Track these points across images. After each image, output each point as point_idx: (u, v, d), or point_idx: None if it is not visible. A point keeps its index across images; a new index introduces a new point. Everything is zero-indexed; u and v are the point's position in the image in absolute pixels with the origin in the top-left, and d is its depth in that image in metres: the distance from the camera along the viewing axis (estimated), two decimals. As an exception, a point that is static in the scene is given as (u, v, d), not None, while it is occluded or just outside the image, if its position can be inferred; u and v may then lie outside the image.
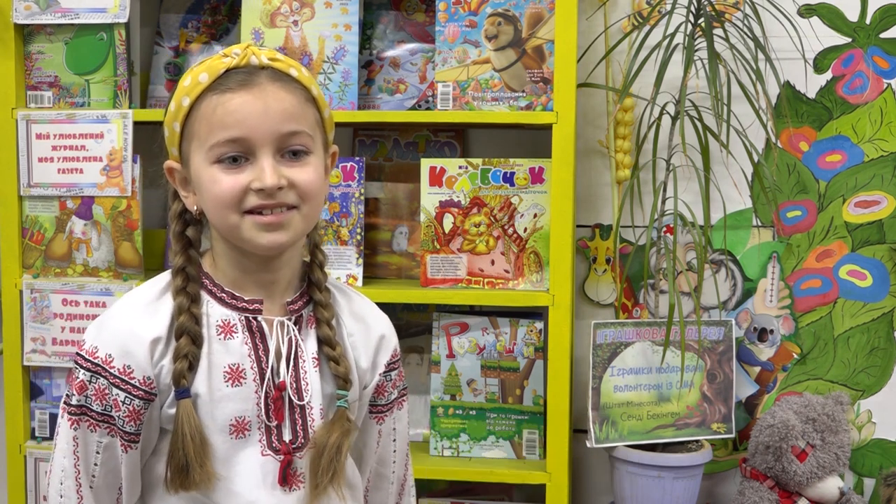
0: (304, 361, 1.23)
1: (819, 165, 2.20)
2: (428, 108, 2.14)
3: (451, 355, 2.07)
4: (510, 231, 2.04)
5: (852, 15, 2.16)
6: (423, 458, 2.06)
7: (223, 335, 1.21)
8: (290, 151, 1.17)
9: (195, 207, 1.21)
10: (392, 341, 1.33)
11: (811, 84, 2.18)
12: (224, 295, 1.22)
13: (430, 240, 2.05)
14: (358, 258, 2.06)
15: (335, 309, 1.27)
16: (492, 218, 2.04)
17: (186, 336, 1.18)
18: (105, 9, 2.05)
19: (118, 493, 1.22)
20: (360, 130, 2.22)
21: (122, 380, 1.17)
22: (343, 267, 2.06)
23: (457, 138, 2.21)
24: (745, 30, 2.04)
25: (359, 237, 2.06)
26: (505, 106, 2.02)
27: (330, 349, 1.24)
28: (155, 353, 1.18)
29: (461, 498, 2.17)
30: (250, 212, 1.16)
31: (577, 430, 2.20)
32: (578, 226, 2.23)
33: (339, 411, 1.23)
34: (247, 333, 1.21)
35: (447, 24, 2.04)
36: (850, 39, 2.17)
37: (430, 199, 2.05)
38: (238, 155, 1.15)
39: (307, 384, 1.22)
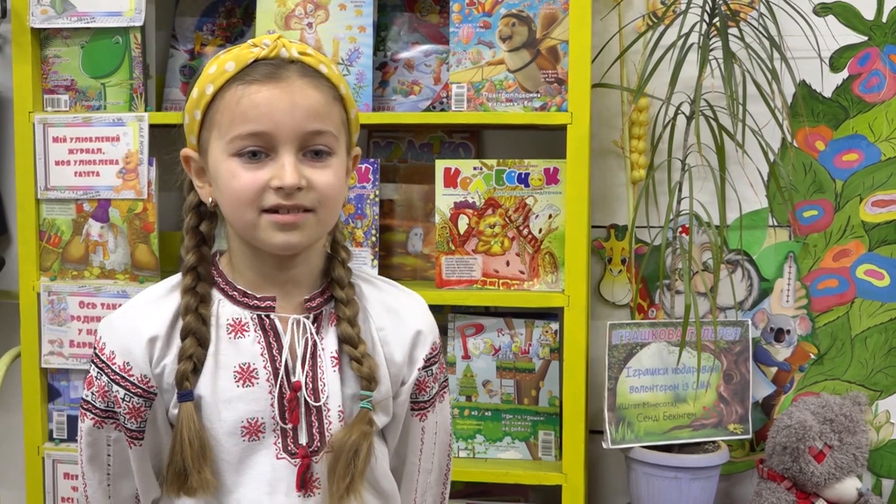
0: (321, 361, 1.18)
1: (835, 165, 2.19)
2: (442, 110, 2.14)
3: (466, 356, 2.07)
4: (525, 232, 2.04)
5: (868, 13, 2.15)
6: (438, 460, 2.07)
7: (233, 334, 1.18)
8: (312, 151, 1.13)
9: (210, 199, 1.18)
10: (430, 336, 1.28)
11: (827, 83, 2.17)
12: (236, 293, 1.20)
13: (445, 241, 2.05)
14: (373, 259, 2.07)
15: (361, 304, 1.23)
16: (507, 219, 2.04)
17: (192, 337, 1.16)
18: (120, 12, 2.06)
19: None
20: (374, 132, 2.23)
21: (122, 377, 1.16)
22: (358, 268, 2.06)
23: (471, 139, 2.21)
24: (761, 29, 2.03)
25: (374, 239, 2.07)
26: (519, 107, 2.02)
27: (351, 348, 1.19)
28: (154, 351, 1.16)
29: (477, 499, 2.17)
30: (267, 210, 1.12)
31: (593, 431, 2.20)
32: (593, 226, 2.22)
33: (360, 412, 1.18)
34: (259, 332, 1.18)
35: (461, 25, 2.04)
36: (866, 38, 2.16)
37: (444, 200, 2.05)
38: (258, 149, 1.12)
39: (324, 384, 1.18)
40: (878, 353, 2.20)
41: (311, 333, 1.19)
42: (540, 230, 2.03)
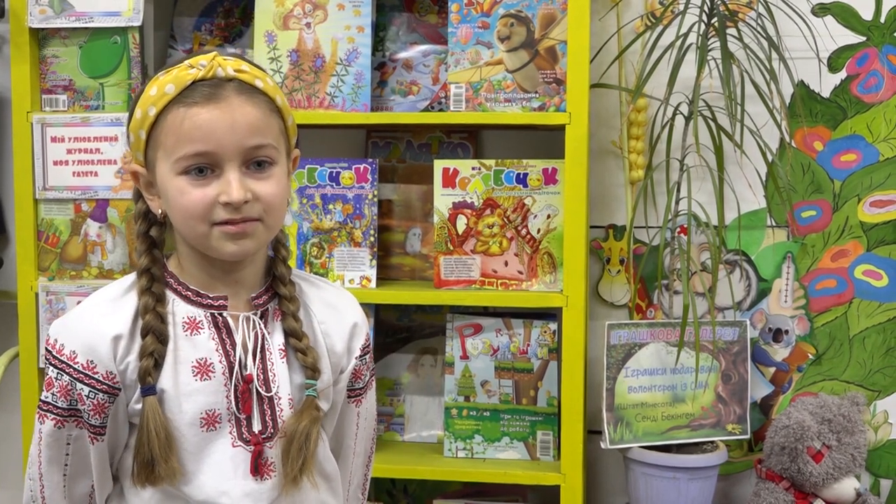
0: (271, 353, 1.26)
1: (834, 165, 2.19)
2: (441, 110, 2.14)
3: (464, 356, 2.07)
4: (523, 232, 2.04)
5: (867, 14, 2.15)
6: (436, 460, 2.06)
7: (189, 331, 1.24)
8: (255, 163, 1.20)
9: (160, 210, 1.25)
10: (364, 328, 1.37)
11: (825, 83, 2.17)
12: (189, 293, 1.26)
13: (444, 241, 2.05)
14: (371, 260, 2.07)
15: (302, 300, 1.31)
16: (505, 219, 2.04)
17: (152, 335, 1.22)
18: (119, 12, 2.06)
19: (92, 481, 1.27)
20: (373, 132, 2.23)
21: (86, 374, 1.21)
22: (356, 269, 2.06)
23: (470, 139, 2.21)
24: (759, 29, 2.03)
25: (372, 239, 2.06)
26: (518, 107, 2.02)
27: (296, 341, 1.27)
28: (118, 349, 1.22)
29: (475, 499, 2.17)
30: (218, 223, 1.19)
31: (592, 432, 2.20)
32: (592, 226, 2.22)
33: (307, 400, 1.26)
34: (213, 329, 1.25)
35: (460, 25, 2.04)
36: (864, 38, 2.16)
37: (443, 200, 2.05)
38: (204, 166, 1.18)
39: (274, 375, 1.26)
40: (876, 354, 2.20)
41: (261, 328, 1.27)
42: (538, 230, 2.03)
